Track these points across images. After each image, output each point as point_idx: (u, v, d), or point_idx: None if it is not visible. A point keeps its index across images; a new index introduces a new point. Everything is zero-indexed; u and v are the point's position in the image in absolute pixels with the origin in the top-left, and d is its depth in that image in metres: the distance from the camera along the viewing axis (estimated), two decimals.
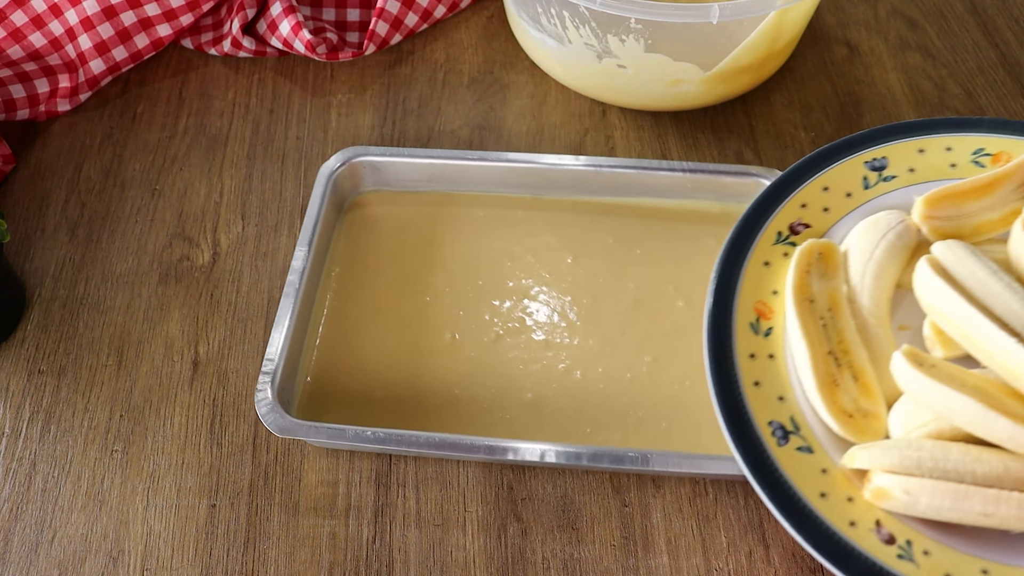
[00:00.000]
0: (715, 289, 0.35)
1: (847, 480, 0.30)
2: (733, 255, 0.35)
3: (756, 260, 0.35)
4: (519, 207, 0.56)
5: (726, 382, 0.32)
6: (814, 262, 0.35)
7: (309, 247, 0.51)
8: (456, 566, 0.44)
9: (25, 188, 0.59)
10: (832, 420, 0.32)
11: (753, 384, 0.33)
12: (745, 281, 0.35)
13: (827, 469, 0.31)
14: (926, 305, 0.35)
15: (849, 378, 0.33)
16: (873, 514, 0.30)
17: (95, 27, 0.61)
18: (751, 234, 0.35)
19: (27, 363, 0.51)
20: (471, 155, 0.55)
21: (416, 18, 0.66)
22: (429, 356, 0.50)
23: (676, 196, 0.55)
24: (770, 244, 0.35)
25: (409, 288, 0.53)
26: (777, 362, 0.33)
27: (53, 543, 0.45)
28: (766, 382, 0.33)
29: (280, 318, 0.48)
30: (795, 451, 0.31)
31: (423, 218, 0.56)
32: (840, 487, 0.31)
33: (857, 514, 0.30)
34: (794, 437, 0.31)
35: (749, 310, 0.34)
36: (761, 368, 0.33)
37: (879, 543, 0.29)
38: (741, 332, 0.33)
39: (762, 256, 0.35)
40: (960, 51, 0.66)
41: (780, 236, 0.36)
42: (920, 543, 0.29)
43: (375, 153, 0.56)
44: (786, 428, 0.31)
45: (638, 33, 0.53)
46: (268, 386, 0.46)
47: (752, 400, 0.32)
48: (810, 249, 0.35)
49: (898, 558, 0.28)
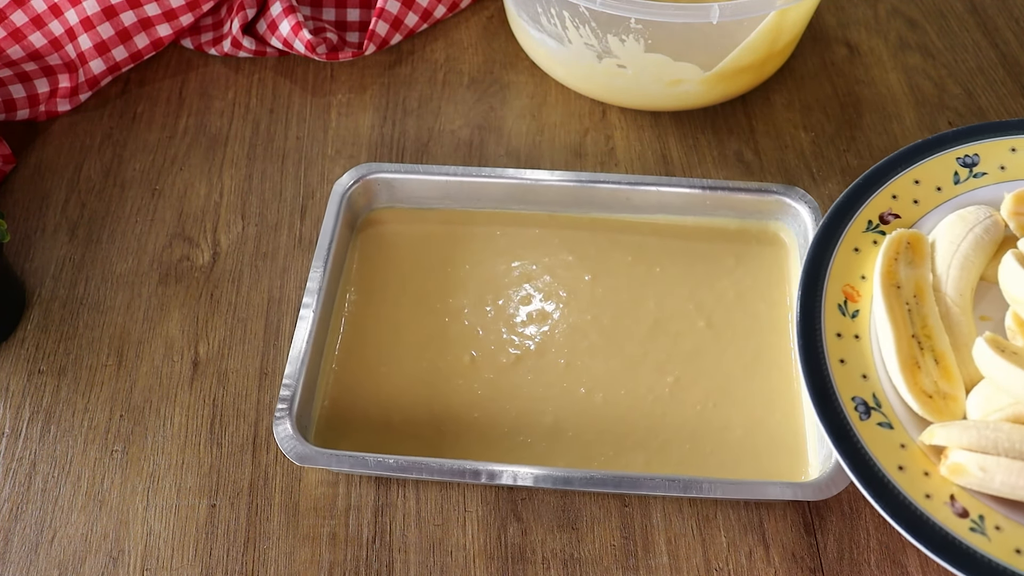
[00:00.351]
0: (806, 271, 0.36)
1: (924, 456, 0.32)
2: (825, 240, 0.37)
3: (847, 246, 0.37)
4: (536, 224, 0.56)
5: (813, 358, 0.34)
6: (902, 250, 0.37)
7: (324, 267, 0.50)
8: (456, 566, 0.44)
9: (25, 188, 0.59)
10: (913, 400, 0.34)
11: (839, 361, 0.35)
12: (835, 265, 0.37)
13: (905, 444, 0.33)
14: (1010, 296, 0.36)
15: (931, 361, 0.35)
16: (948, 489, 0.32)
17: (95, 27, 0.61)
18: (843, 221, 0.37)
19: (27, 363, 0.51)
20: (486, 172, 0.55)
21: (416, 18, 0.66)
22: (448, 378, 0.50)
23: (694, 213, 0.55)
24: (860, 231, 0.37)
25: (426, 308, 0.52)
26: (862, 342, 0.35)
27: (53, 543, 0.45)
28: (851, 360, 0.35)
29: (297, 341, 0.47)
30: (876, 426, 0.33)
31: (438, 236, 0.55)
32: (917, 462, 0.33)
33: (932, 488, 0.32)
34: (875, 413, 0.33)
35: (838, 292, 0.36)
36: (847, 347, 0.35)
37: (952, 516, 0.31)
38: (829, 312, 0.36)
39: (852, 242, 0.37)
40: (960, 51, 0.66)
41: (870, 224, 0.37)
42: (992, 518, 0.31)
43: (389, 170, 0.55)
44: (868, 404, 0.33)
45: (638, 33, 0.53)
46: (287, 415, 0.45)
47: (837, 376, 0.34)
48: (899, 238, 0.37)
49: (970, 531, 0.30)
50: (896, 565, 0.44)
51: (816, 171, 0.59)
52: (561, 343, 0.51)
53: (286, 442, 0.44)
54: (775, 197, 0.53)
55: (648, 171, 0.60)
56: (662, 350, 0.51)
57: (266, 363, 0.51)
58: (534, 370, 0.50)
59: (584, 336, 0.51)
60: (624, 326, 0.51)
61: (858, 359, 0.35)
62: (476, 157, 0.60)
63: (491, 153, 0.61)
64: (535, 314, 0.52)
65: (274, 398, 0.50)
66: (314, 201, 0.58)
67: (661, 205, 0.55)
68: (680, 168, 0.60)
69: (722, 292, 0.53)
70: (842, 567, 0.44)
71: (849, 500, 0.46)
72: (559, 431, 0.48)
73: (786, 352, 0.50)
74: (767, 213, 0.54)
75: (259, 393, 0.50)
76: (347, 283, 0.53)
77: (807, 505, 0.46)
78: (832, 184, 0.58)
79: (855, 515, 0.46)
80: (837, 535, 0.45)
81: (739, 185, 0.54)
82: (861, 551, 0.45)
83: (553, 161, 0.60)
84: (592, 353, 0.50)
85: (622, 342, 0.51)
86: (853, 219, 0.38)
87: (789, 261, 0.53)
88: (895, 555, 0.45)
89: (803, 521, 0.46)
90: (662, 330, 0.51)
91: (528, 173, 0.54)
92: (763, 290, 0.52)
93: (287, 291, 0.54)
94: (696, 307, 0.52)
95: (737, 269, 0.53)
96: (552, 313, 0.52)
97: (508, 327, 0.51)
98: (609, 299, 0.53)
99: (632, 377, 0.50)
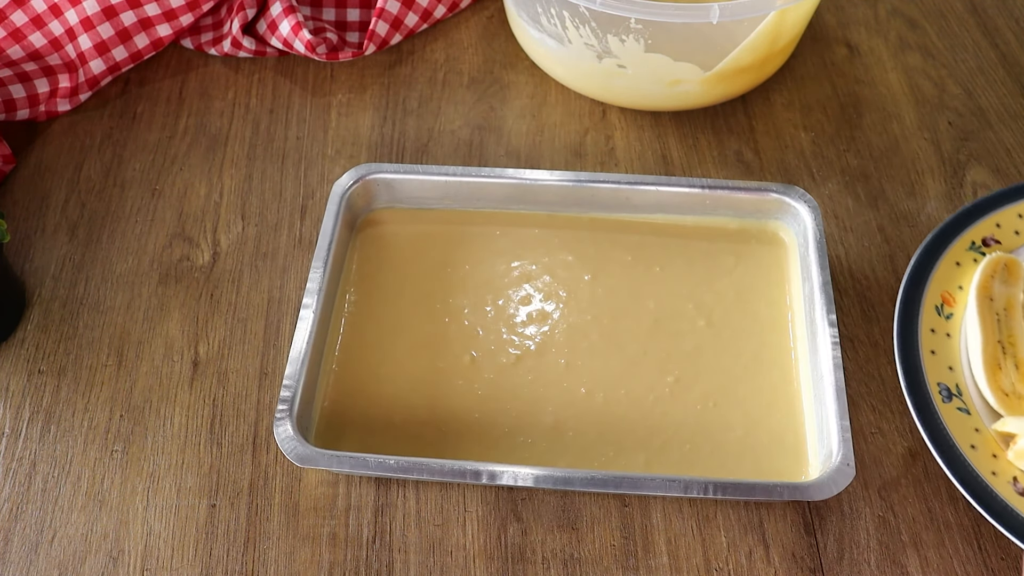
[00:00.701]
0: (911, 272, 0.42)
1: (994, 441, 0.38)
2: (931, 249, 0.43)
3: (950, 258, 0.43)
4: (535, 224, 0.56)
5: (908, 346, 0.40)
6: (999, 270, 0.43)
7: (324, 267, 0.50)
8: (456, 566, 0.44)
9: (25, 188, 0.59)
10: (991, 394, 0.39)
11: (930, 352, 0.41)
12: (937, 272, 0.43)
13: (979, 429, 0.39)
14: None
15: (1011, 365, 0.40)
16: (1012, 471, 0.38)
17: (95, 27, 0.61)
18: (950, 237, 0.43)
19: (27, 363, 0.51)
20: (486, 172, 0.54)
21: (416, 18, 0.66)
22: (448, 378, 0.50)
23: (694, 213, 0.55)
24: (964, 249, 0.43)
25: (426, 309, 0.52)
26: (952, 341, 0.41)
27: (53, 543, 0.45)
28: (940, 353, 0.41)
29: (297, 341, 0.47)
30: (956, 410, 0.39)
31: (438, 236, 0.55)
32: (988, 445, 0.38)
33: (999, 468, 0.37)
34: (956, 399, 0.39)
35: (937, 295, 0.42)
36: (938, 342, 0.41)
37: (1014, 493, 0.37)
38: (927, 310, 0.42)
39: (955, 256, 0.43)
40: (960, 51, 0.66)
41: (973, 244, 0.44)
42: None
43: (389, 170, 0.55)
44: (951, 391, 0.39)
45: (638, 33, 0.53)
46: (287, 415, 0.45)
47: (927, 363, 0.40)
48: (998, 259, 0.43)
49: None
50: (896, 565, 0.44)
51: (816, 171, 0.59)
52: (561, 343, 0.51)
53: (287, 443, 0.44)
54: (775, 197, 0.53)
55: (648, 171, 0.60)
56: (662, 350, 0.51)
57: (266, 363, 0.51)
58: (534, 370, 0.50)
59: (584, 336, 0.51)
60: (624, 326, 0.51)
61: (947, 353, 0.41)
62: (476, 157, 0.60)
63: (491, 153, 0.61)
64: (535, 314, 0.52)
65: (274, 398, 0.50)
66: (314, 201, 0.58)
67: (661, 205, 0.55)
68: (680, 168, 0.60)
69: (722, 292, 0.53)
70: (842, 567, 0.44)
71: (849, 500, 0.46)
72: (559, 431, 0.48)
73: (786, 351, 0.50)
74: (767, 213, 0.54)
75: (259, 393, 0.50)
76: (347, 283, 0.53)
77: (807, 505, 0.46)
78: (832, 184, 0.58)
79: (855, 515, 0.46)
80: (837, 535, 0.45)
81: (739, 185, 0.54)
82: (861, 551, 0.45)
83: (553, 161, 0.60)
84: (592, 353, 0.50)
85: (622, 342, 0.51)
86: (958, 237, 0.44)
87: (789, 261, 0.53)
88: (895, 555, 0.45)
89: (803, 521, 0.46)
90: (662, 330, 0.51)
91: (528, 173, 0.54)
92: (763, 290, 0.52)
93: (287, 291, 0.54)
94: (696, 307, 0.52)
95: (737, 268, 0.53)
96: (552, 313, 0.52)
97: (508, 327, 0.51)
98: (609, 299, 0.53)
99: (632, 377, 0.50)
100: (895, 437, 0.48)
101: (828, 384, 0.46)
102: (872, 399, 0.50)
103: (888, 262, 0.55)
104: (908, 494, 0.47)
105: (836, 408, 0.45)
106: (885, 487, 0.47)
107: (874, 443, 0.48)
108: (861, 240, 0.56)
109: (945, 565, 0.45)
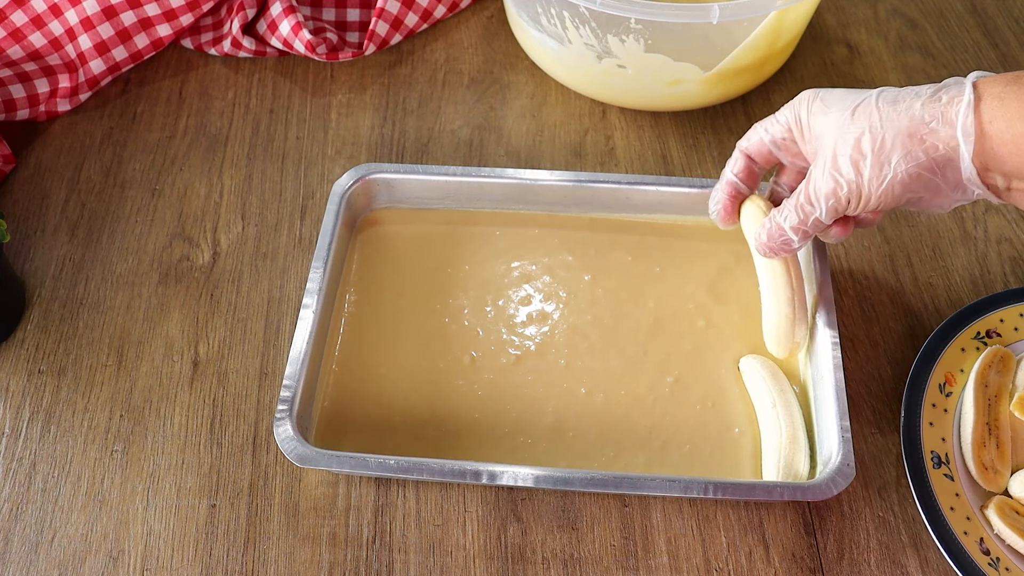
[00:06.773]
0: (923, 350, 0.49)
1: (969, 505, 0.45)
2: (942, 335, 0.50)
3: (956, 344, 0.50)
4: (535, 224, 0.55)
5: (912, 416, 0.47)
6: (996, 361, 0.49)
7: (324, 267, 0.50)
8: (456, 566, 0.44)
9: (25, 188, 0.59)
10: (974, 466, 0.46)
11: (928, 423, 0.47)
12: (945, 355, 0.50)
13: (959, 494, 0.45)
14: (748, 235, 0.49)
15: (993, 444, 0.47)
16: (980, 533, 0.44)
17: (95, 27, 0.61)
18: (959, 326, 0.51)
19: (27, 363, 0.51)
20: (486, 172, 0.54)
21: (416, 18, 0.66)
22: (448, 379, 0.49)
23: (694, 213, 0.55)
24: (969, 338, 0.50)
25: (426, 309, 0.52)
26: (948, 416, 0.48)
27: (53, 543, 0.45)
28: (937, 425, 0.47)
29: (297, 341, 0.47)
30: (942, 475, 0.46)
31: (438, 236, 0.55)
32: (964, 508, 0.45)
33: (971, 529, 0.44)
34: (944, 467, 0.46)
35: (941, 375, 0.49)
36: (936, 415, 0.48)
37: (979, 551, 0.44)
38: (931, 388, 0.49)
39: (961, 343, 0.50)
40: (960, 51, 0.66)
41: (978, 335, 0.50)
42: (1004, 562, 0.44)
43: (389, 170, 0.55)
44: (940, 459, 0.46)
45: (638, 33, 0.53)
46: (287, 416, 0.45)
47: (925, 432, 0.47)
48: (996, 351, 0.49)
49: (988, 565, 0.43)
50: (896, 565, 0.44)
51: None
52: (561, 343, 0.51)
53: (287, 443, 0.44)
54: None
55: (648, 171, 0.60)
56: (662, 350, 0.50)
57: (266, 363, 0.51)
58: (534, 370, 0.50)
59: (584, 336, 0.51)
60: (624, 326, 0.51)
61: (942, 425, 0.48)
62: (476, 157, 0.60)
63: (491, 153, 0.61)
64: (535, 314, 0.52)
65: (274, 398, 0.50)
66: (314, 201, 0.58)
67: (661, 205, 0.55)
68: (680, 168, 0.60)
69: (721, 292, 0.53)
70: (842, 567, 0.44)
71: (849, 500, 0.46)
72: (559, 431, 0.48)
73: None
74: None
75: (259, 393, 0.50)
76: (347, 283, 0.53)
77: (807, 505, 0.46)
78: None
79: (855, 515, 0.46)
80: (837, 535, 0.45)
81: None
82: (861, 551, 0.45)
83: (553, 161, 0.60)
84: (592, 353, 0.50)
85: (622, 342, 0.51)
86: (966, 327, 0.51)
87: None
88: (895, 555, 0.45)
89: (803, 521, 0.46)
90: (662, 330, 0.51)
91: (528, 173, 0.54)
92: None
93: (287, 291, 0.54)
94: (695, 307, 0.52)
95: (737, 269, 0.53)
96: (552, 313, 0.52)
97: (508, 327, 0.51)
98: (609, 299, 0.53)
99: (632, 377, 0.50)
100: (895, 438, 0.48)
101: (828, 384, 0.46)
102: (872, 399, 0.50)
103: (888, 262, 0.55)
104: (908, 494, 0.47)
105: (836, 409, 0.45)
106: (885, 487, 0.47)
107: (874, 443, 0.48)
108: (861, 240, 0.56)
109: (945, 565, 0.45)
